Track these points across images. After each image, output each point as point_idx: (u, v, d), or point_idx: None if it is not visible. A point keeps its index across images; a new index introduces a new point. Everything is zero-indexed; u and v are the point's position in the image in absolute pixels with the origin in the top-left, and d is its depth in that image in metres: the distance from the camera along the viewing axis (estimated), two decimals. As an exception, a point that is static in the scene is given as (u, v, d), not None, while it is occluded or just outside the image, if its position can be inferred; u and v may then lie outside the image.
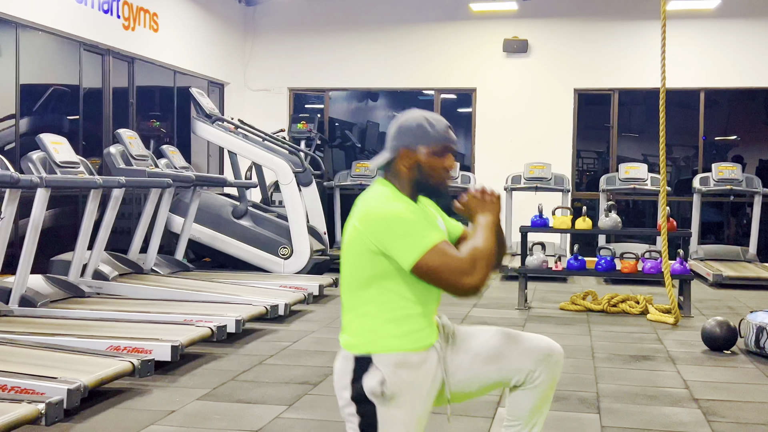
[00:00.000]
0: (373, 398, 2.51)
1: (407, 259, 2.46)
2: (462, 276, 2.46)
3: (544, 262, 7.78)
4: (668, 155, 10.58)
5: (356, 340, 2.57)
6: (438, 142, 2.63)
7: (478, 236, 2.55)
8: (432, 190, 2.67)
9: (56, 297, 6.34)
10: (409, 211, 2.53)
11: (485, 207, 2.64)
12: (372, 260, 2.52)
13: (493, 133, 11.75)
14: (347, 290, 2.62)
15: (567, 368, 5.13)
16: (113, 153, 7.49)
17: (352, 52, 11.99)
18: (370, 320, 2.56)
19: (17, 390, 3.83)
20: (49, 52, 8.06)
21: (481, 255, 2.49)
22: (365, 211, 2.56)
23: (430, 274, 2.47)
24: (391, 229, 2.48)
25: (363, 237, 2.53)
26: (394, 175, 2.66)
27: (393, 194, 2.62)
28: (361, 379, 2.52)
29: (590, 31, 11.54)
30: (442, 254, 2.45)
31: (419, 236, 2.46)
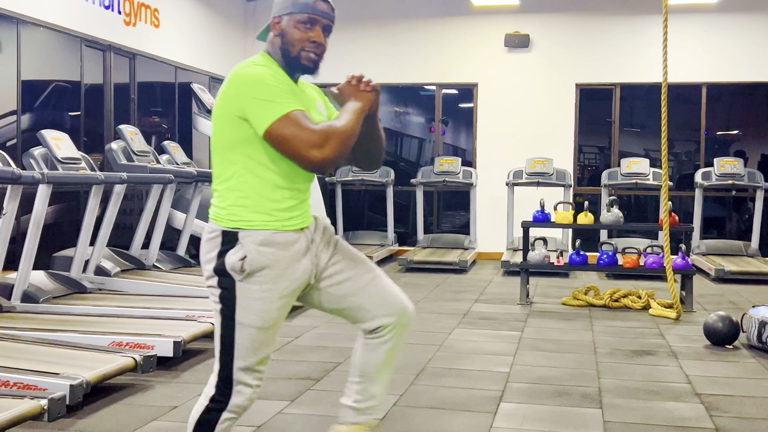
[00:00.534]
0: (233, 273, 2.48)
1: (261, 124, 2.44)
2: (311, 148, 2.43)
3: (546, 257, 7.78)
4: (670, 150, 10.58)
5: (224, 211, 2.53)
6: (303, 10, 2.61)
7: (340, 117, 2.54)
8: (294, 62, 2.62)
9: (58, 293, 6.35)
10: (273, 77, 2.50)
11: (358, 95, 2.61)
12: (236, 124, 2.49)
13: (495, 128, 11.73)
14: (215, 157, 2.58)
15: (569, 363, 5.14)
16: (115, 149, 7.49)
17: (353, 48, 11.97)
18: (237, 193, 2.51)
19: (20, 386, 3.83)
20: (50, 48, 8.05)
21: (335, 132, 2.46)
22: (232, 74, 2.54)
23: (280, 142, 2.44)
24: (251, 91, 2.46)
25: (228, 100, 2.51)
26: (269, 44, 2.65)
27: (266, 63, 2.59)
28: (225, 254, 2.49)
29: (592, 25, 11.51)
30: (294, 123, 2.43)
31: (276, 103, 2.44)
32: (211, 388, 2.57)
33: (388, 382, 2.87)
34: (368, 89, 2.63)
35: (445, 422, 3.92)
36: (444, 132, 12.50)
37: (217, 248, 2.52)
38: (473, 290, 8.36)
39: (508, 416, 4.02)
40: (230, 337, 2.53)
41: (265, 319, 2.53)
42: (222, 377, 2.55)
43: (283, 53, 2.62)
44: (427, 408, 4.16)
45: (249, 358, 2.53)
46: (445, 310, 7.09)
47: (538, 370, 5.00)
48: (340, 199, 11.50)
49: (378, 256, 10.44)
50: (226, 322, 2.53)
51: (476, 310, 7.16)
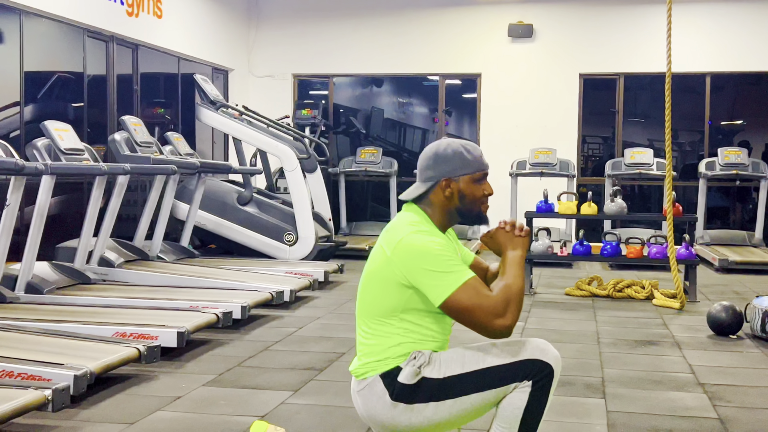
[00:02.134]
0: (415, 378, 2.51)
1: (438, 297, 2.45)
2: (494, 317, 2.44)
3: (550, 248, 7.77)
4: (674, 140, 10.56)
5: (379, 362, 2.56)
6: (478, 169, 2.65)
7: (509, 273, 2.53)
8: (475, 218, 2.69)
9: (62, 284, 6.36)
10: (441, 245, 2.51)
11: (514, 242, 2.62)
12: (400, 292, 2.52)
13: (498, 119, 11.71)
14: (367, 317, 2.61)
15: (572, 353, 5.14)
16: (118, 140, 7.49)
17: (357, 38, 11.96)
18: (390, 348, 2.56)
19: (24, 376, 3.84)
20: (52, 39, 8.05)
21: (512, 295, 2.47)
22: (398, 240, 2.54)
23: (461, 312, 2.46)
24: (423, 263, 2.46)
25: (393, 267, 2.52)
26: (428, 204, 2.65)
27: (425, 223, 2.61)
28: (396, 380, 2.53)
29: (596, 15, 11.48)
30: (474, 293, 2.44)
31: (451, 273, 2.45)
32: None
33: None
34: (523, 235, 2.64)
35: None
36: (447, 122, 12.48)
37: (386, 392, 2.55)
38: (477, 281, 8.35)
39: (511, 406, 4.02)
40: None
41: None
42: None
43: (461, 211, 2.66)
44: (431, 398, 4.16)
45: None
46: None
47: (541, 360, 4.99)
48: (343, 189, 11.49)
49: (381, 247, 10.42)
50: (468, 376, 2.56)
51: (479, 300, 7.16)
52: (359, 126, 13.14)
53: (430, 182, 2.63)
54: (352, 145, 12.92)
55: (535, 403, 2.53)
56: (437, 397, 2.53)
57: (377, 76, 12.74)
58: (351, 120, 13.15)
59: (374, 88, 13.28)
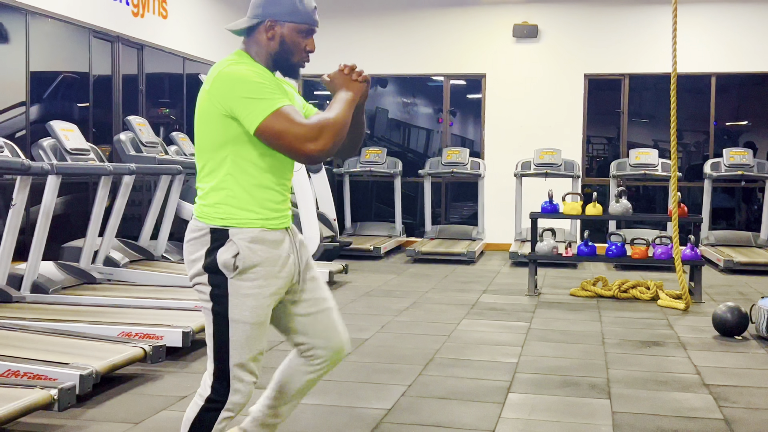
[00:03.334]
0: (225, 271, 2.48)
1: (252, 122, 2.43)
2: (306, 142, 2.43)
3: (555, 248, 7.77)
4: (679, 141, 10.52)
5: (212, 210, 2.52)
6: (305, 21, 2.62)
7: (332, 108, 2.53)
8: (289, 68, 2.65)
9: (68, 283, 6.37)
10: (257, 74, 2.50)
11: (349, 84, 2.60)
12: (223, 123, 2.49)
13: (503, 119, 11.71)
14: (201, 156, 2.57)
15: (577, 354, 5.14)
16: (123, 140, 7.50)
17: (362, 38, 11.96)
18: (225, 191, 2.51)
19: (30, 376, 3.85)
20: (58, 40, 8.06)
21: (328, 124, 2.45)
22: (215, 73, 2.53)
23: (273, 137, 2.44)
24: (237, 90, 2.45)
25: (213, 100, 2.50)
26: (252, 43, 2.63)
27: (247, 61, 2.59)
28: (216, 251, 2.49)
29: (601, 16, 11.46)
30: (286, 118, 2.42)
31: (265, 99, 2.43)
32: (206, 389, 2.55)
33: (296, 407, 2.89)
34: (360, 79, 2.62)
35: (454, 412, 3.93)
36: (452, 123, 12.48)
37: (205, 246, 2.51)
38: (481, 281, 8.36)
39: (516, 406, 4.03)
40: (224, 335, 2.52)
41: (258, 315, 2.53)
42: (218, 375, 2.54)
43: (277, 57, 2.62)
44: (436, 398, 4.16)
45: (244, 354, 2.53)
46: (452, 300, 7.10)
47: (546, 360, 5.00)
48: (348, 190, 11.50)
49: (386, 247, 10.45)
50: (219, 319, 2.53)
51: (484, 300, 7.16)
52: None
53: (256, 20, 2.62)
54: (356, 146, 12.91)
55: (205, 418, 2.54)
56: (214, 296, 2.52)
57: (382, 76, 12.74)
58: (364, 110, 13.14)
59: (379, 88, 13.28)
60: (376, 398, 4.15)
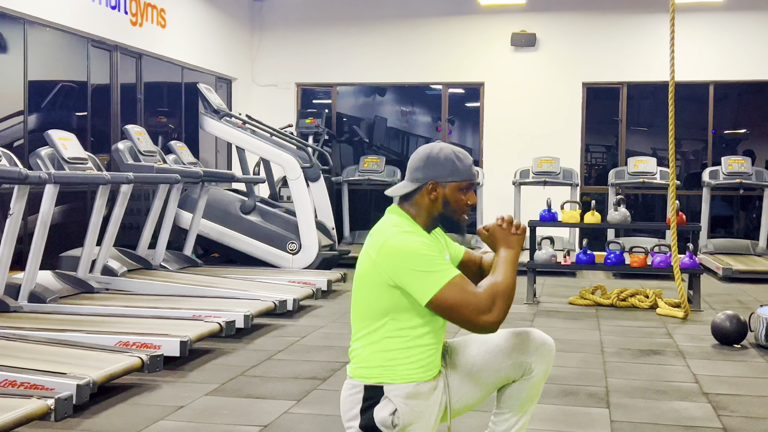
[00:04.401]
0: (383, 429, 2.50)
1: (424, 295, 2.45)
2: (480, 314, 2.43)
3: (553, 257, 7.76)
4: (677, 149, 10.53)
5: (367, 371, 2.56)
6: (465, 178, 2.64)
7: (499, 271, 2.52)
8: (454, 225, 2.68)
9: (65, 293, 6.35)
10: (425, 245, 2.51)
11: (509, 240, 2.61)
12: (388, 293, 2.51)
13: (502, 128, 11.72)
14: (359, 320, 2.61)
15: (576, 363, 5.13)
16: (121, 149, 7.50)
17: (360, 47, 11.98)
18: (382, 352, 2.55)
19: (27, 385, 3.84)
20: (57, 49, 8.07)
21: (500, 292, 2.46)
22: (381, 242, 2.54)
23: (447, 310, 2.45)
24: (407, 263, 2.46)
25: (379, 269, 2.52)
26: (413, 205, 2.65)
27: (409, 225, 2.60)
28: (372, 409, 2.51)
29: (598, 24, 11.49)
30: (460, 290, 2.44)
31: (436, 272, 2.45)
32: None
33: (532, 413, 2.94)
34: (519, 233, 2.63)
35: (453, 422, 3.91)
36: (450, 131, 12.49)
37: (359, 404, 2.54)
38: (480, 290, 8.34)
39: (515, 416, 4.01)
40: None
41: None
42: None
43: (442, 217, 2.65)
44: (434, 408, 4.14)
45: None
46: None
47: (545, 369, 4.98)
48: (346, 198, 11.50)
49: (384, 256, 10.42)
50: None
51: (483, 309, 7.14)
52: (362, 135, 13.15)
53: (418, 183, 2.64)
54: (355, 154, 12.93)
55: None
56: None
57: (380, 85, 12.76)
58: (354, 129, 13.17)
59: (377, 96, 13.30)
60: (375, 408, 4.13)
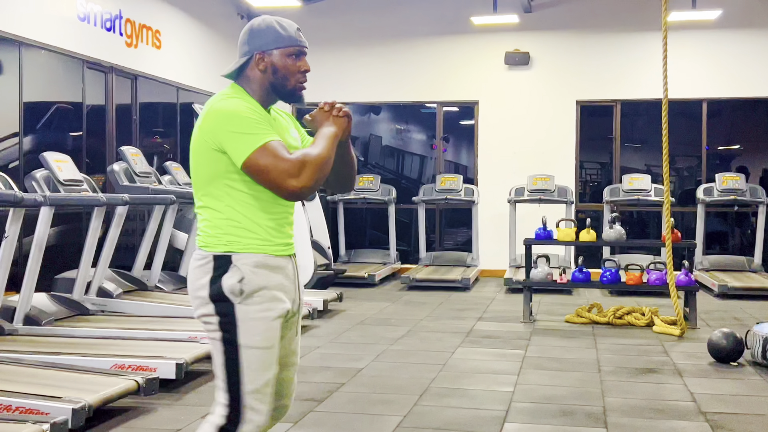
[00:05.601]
0: (231, 296, 2.47)
1: (239, 156, 2.45)
2: (288, 178, 2.44)
3: (549, 275, 7.76)
4: (671, 165, 10.56)
5: (215, 239, 2.52)
6: (291, 43, 2.64)
7: (315, 144, 2.55)
8: (289, 94, 2.66)
9: (61, 315, 6.33)
10: (248, 109, 2.52)
11: (331, 120, 2.63)
12: (213, 157, 2.51)
13: (496, 146, 11.74)
14: (197, 190, 2.59)
15: (573, 382, 5.12)
16: (117, 170, 7.50)
17: (355, 66, 12.02)
18: (227, 221, 2.52)
19: (22, 410, 3.82)
20: (52, 70, 8.08)
21: (311, 160, 2.47)
22: (207, 108, 2.55)
23: (258, 173, 2.45)
24: (227, 125, 2.47)
25: (204, 134, 2.52)
26: (246, 80, 2.65)
27: (240, 95, 2.60)
28: (221, 278, 2.48)
29: (592, 42, 11.55)
30: (271, 154, 2.44)
31: (253, 134, 2.45)
32: (219, 418, 2.50)
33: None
34: (341, 115, 2.64)
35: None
36: (445, 149, 12.51)
37: (209, 273, 2.51)
38: (476, 308, 8.34)
39: (512, 437, 4.00)
40: (235, 362, 2.49)
41: (268, 338, 2.51)
42: (231, 405, 2.49)
43: (275, 86, 2.64)
44: (431, 429, 4.13)
45: (257, 380, 2.50)
46: (448, 328, 7.07)
47: (542, 389, 4.98)
48: (342, 217, 11.50)
49: (381, 274, 10.43)
50: (229, 347, 2.50)
51: (479, 328, 7.14)
52: (357, 153, 13.19)
53: (246, 57, 2.65)
54: (350, 173, 12.92)
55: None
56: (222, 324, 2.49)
57: (375, 104, 12.80)
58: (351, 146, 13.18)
59: (372, 115, 13.34)
60: (372, 429, 4.12)
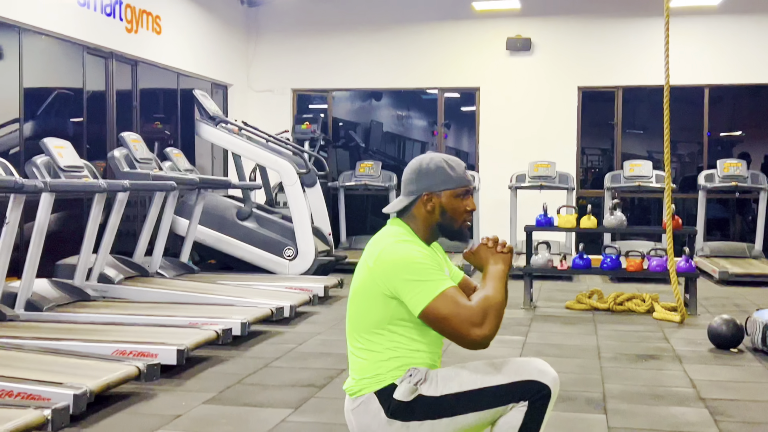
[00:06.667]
0: (411, 395, 2.51)
1: (417, 305, 2.46)
2: (471, 327, 2.44)
3: (550, 261, 7.77)
4: (673, 152, 10.56)
5: (372, 379, 2.56)
6: (459, 184, 2.65)
7: (489, 286, 2.53)
8: (455, 233, 2.68)
9: (62, 301, 6.35)
10: (422, 255, 2.52)
11: (496, 257, 2.62)
12: (384, 303, 2.52)
13: (497, 132, 11.73)
14: (356, 331, 2.61)
15: (573, 368, 5.13)
16: (117, 156, 7.50)
17: (355, 52, 11.99)
18: (385, 361, 2.56)
19: (23, 396, 3.83)
20: (52, 56, 8.07)
21: (492, 306, 2.47)
22: (379, 251, 2.56)
23: (438, 321, 2.46)
24: (403, 272, 2.48)
25: (375, 279, 2.53)
26: (412, 218, 2.66)
27: (408, 236, 2.61)
28: (392, 397, 2.52)
29: (593, 28, 11.51)
30: (452, 302, 2.44)
31: (430, 282, 2.46)
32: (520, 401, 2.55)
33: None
34: (505, 251, 2.63)
35: None
36: (446, 135, 12.50)
37: (381, 410, 2.53)
38: (477, 294, 8.33)
39: (512, 422, 4.01)
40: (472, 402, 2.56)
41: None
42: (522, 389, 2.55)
43: (442, 226, 2.66)
44: (431, 415, 4.14)
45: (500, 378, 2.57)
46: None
47: (542, 375, 4.98)
48: (342, 203, 11.50)
49: (381, 261, 10.41)
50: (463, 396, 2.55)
51: (480, 314, 7.14)
52: (358, 140, 13.16)
53: (413, 196, 2.65)
54: (351, 159, 12.93)
55: (531, 423, 2.54)
56: (434, 415, 2.53)
57: (376, 90, 12.77)
58: (350, 134, 13.17)
59: (373, 101, 13.31)
60: (372, 415, 4.12)
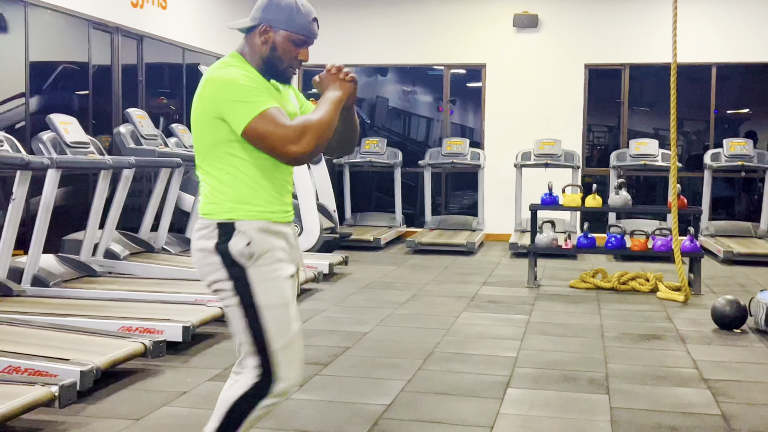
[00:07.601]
0: (242, 260, 2.50)
1: (239, 124, 2.47)
2: (288, 144, 2.46)
3: (554, 240, 7.77)
4: (679, 129, 10.51)
5: (217, 207, 2.55)
6: (301, 30, 2.65)
7: (318, 109, 2.56)
8: (278, 74, 2.66)
9: (68, 276, 6.38)
10: (246, 78, 2.53)
11: (337, 84, 2.63)
12: (214, 126, 2.53)
13: (503, 109, 11.69)
14: (199, 157, 2.62)
15: (576, 347, 5.16)
16: (123, 133, 7.50)
17: (362, 28, 11.92)
18: (227, 188, 2.55)
19: (31, 372, 3.87)
20: (58, 30, 8.04)
21: (311, 126, 2.48)
22: (206, 77, 2.57)
23: (258, 140, 2.48)
24: (226, 93, 2.49)
25: (204, 102, 2.55)
26: (248, 43, 2.66)
27: (237, 62, 2.61)
28: (227, 244, 2.51)
29: (601, 5, 11.43)
30: (270, 121, 2.46)
31: (251, 102, 2.47)
32: (251, 379, 2.53)
33: None
34: (347, 78, 2.65)
35: (453, 408, 3.94)
36: (452, 111, 12.46)
37: (213, 239, 2.53)
38: (481, 273, 8.37)
39: (515, 402, 4.04)
40: (258, 323, 2.52)
41: (284, 296, 2.55)
42: (263, 366, 2.52)
43: (267, 62, 2.64)
44: (435, 393, 4.18)
45: (283, 337, 2.54)
46: (452, 293, 7.11)
47: (545, 354, 5.01)
48: (348, 180, 11.50)
49: (386, 238, 10.45)
50: (249, 310, 2.53)
51: (484, 293, 7.17)
52: (364, 116, 13.13)
53: (254, 23, 2.65)
54: (356, 136, 12.88)
55: (244, 403, 2.52)
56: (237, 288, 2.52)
57: (382, 66, 12.72)
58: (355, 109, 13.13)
59: (379, 77, 13.26)
60: (376, 393, 4.16)
